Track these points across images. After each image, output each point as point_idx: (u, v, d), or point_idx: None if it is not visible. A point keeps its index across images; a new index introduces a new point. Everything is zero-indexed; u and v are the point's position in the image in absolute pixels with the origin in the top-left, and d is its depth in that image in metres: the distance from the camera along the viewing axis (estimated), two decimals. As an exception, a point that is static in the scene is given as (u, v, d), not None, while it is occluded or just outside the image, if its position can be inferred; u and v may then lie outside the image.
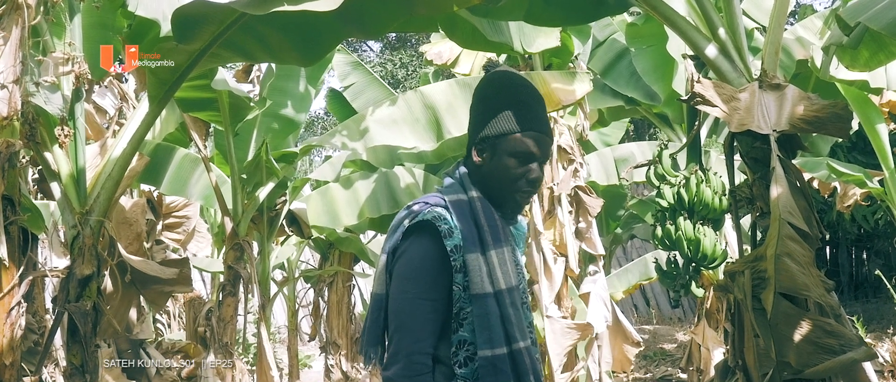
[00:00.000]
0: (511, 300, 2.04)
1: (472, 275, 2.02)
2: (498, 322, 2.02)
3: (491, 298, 2.02)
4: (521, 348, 2.04)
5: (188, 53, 3.22)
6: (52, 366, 6.10)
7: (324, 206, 6.50)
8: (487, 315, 2.01)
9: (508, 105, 2.11)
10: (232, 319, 5.90)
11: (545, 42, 5.18)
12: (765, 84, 2.99)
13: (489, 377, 2.01)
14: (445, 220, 2.04)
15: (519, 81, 2.20)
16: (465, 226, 2.05)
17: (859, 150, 10.79)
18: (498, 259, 2.05)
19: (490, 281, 2.02)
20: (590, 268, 6.36)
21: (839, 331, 2.76)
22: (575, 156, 6.15)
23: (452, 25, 3.69)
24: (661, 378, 10.24)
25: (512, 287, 2.06)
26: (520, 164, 2.09)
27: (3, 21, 3.05)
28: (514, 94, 2.14)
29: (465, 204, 2.10)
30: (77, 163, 3.75)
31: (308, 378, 10.14)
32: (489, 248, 2.04)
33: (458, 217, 2.06)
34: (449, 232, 2.03)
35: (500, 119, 2.10)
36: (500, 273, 2.04)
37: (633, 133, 15.98)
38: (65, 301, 3.60)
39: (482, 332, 2.02)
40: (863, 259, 16.43)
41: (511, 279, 2.06)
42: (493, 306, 2.02)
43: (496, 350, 2.01)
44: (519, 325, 2.05)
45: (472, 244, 2.03)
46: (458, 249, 2.02)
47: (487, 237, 2.05)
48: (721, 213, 4.01)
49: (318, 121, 23.50)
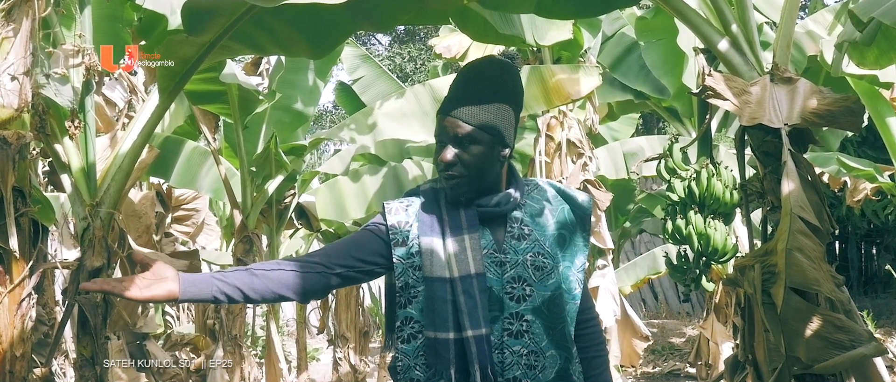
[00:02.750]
0: (464, 288, 2.05)
1: (425, 258, 2.08)
2: (446, 307, 2.05)
3: (442, 283, 2.06)
4: (470, 336, 2.03)
5: (198, 46, 3.21)
6: (62, 358, 6.13)
7: (332, 199, 6.51)
8: (434, 299, 2.06)
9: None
10: (241, 312, 5.91)
11: (557, 35, 5.18)
12: (776, 78, 2.98)
13: (429, 357, 2.07)
14: (404, 202, 2.19)
15: (473, 65, 2.24)
16: (430, 212, 2.14)
17: (870, 144, 10.74)
18: (456, 247, 2.07)
19: (445, 267, 2.07)
20: (599, 262, 6.36)
21: (849, 327, 2.75)
22: (584, 150, 6.14)
23: (464, 18, 3.68)
24: (669, 372, 10.23)
25: (469, 275, 2.06)
26: (438, 146, 2.14)
27: (13, 13, 3.05)
28: (456, 78, 2.20)
29: (436, 192, 2.18)
30: (87, 155, 3.75)
31: (316, 371, 10.15)
32: (447, 235, 2.09)
33: (424, 203, 2.16)
34: (397, 210, 2.16)
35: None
36: (456, 261, 2.07)
37: (642, 128, 15.94)
38: (75, 293, 3.61)
39: (428, 314, 2.07)
40: (872, 254, 16.36)
41: (467, 267, 2.06)
42: (442, 290, 2.06)
43: (439, 334, 2.05)
44: (471, 313, 2.03)
45: (430, 229, 2.11)
46: (402, 224, 2.13)
47: (446, 225, 2.10)
48: (732, 207, 4.00)
49: (326, 114, 23.53)
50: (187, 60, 3.36)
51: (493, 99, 2.11)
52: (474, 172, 2.09)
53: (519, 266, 2.12)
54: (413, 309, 2.11)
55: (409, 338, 2.11)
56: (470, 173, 2.09)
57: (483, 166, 2.09)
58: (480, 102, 2.09)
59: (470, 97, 2.11)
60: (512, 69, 2.21)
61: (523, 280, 2.11)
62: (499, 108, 2.10)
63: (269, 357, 6.37)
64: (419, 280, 2.09)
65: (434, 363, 2.06)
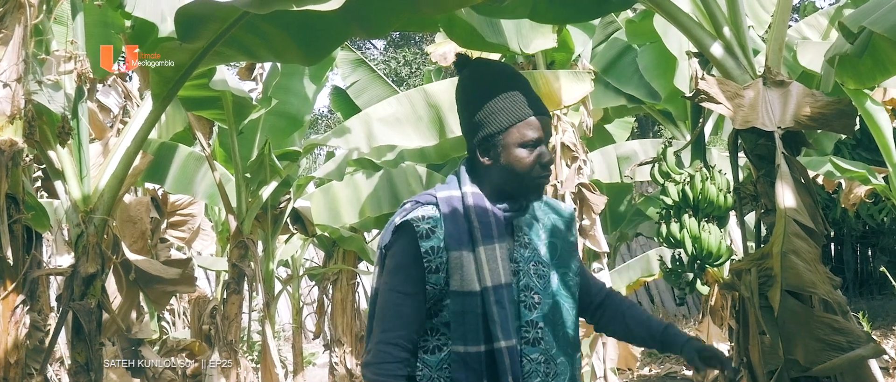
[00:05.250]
0: (497, 298, 2.02)
1: (454, 272, 2.02)
2: (476, 320, 2.02)
3: (474, 296, 2.02)
4: (503, 347, 2.01)
5: (191, 52, 3.22)
6: (57, 365, 6.11)
7: (326, 204, 6.51)
8: (464, 312, 2.02)
9: (498, 98, 2.09)
10: (236, 317, 5.90)
11: (542, 43, 5.18)
12: (769, 81, 2.98)
13: (459, 372, 2.03)
14: (428, 220, 2.06)
15: (497, 69, 2.18)
16: (455, 223, 2.06)
17: (864, 146, 10.74)
18: (487, 256, 2.03)
19: (477, 278, 2.02)
20: (594, 265, 6.36)
21: (847, 328, 2.75)
22: (578, 153, 6.15)
23: (451, 25, 3.68)
24: (666, 375, 10.24)
25: (499, 285, 2.03)
26: (530, 152, 2.07)
27: (5, 20, 3.05)
28: (499, 84, 2.11)
29: (457, 200, 2.09)
30: (81, 161, 3.75)
31: (312, 376, 10.14)
32: (479, 244, 2.04)
33: (447, 214, 2.07)
34: (428, 233, 2.04)
35: (495, 115, 2.08)
36: (488, 271, 2.03)
37: (638, 130, 15.95)
38: (69, 300, 3.61)
39: (457, 328, 2.03)
40: (868, 256, 16.35)
41: (499, 277, 2.04)
42: (474, 304, 2.02)
43: (469, 348, 2.02)
44: (503, 324, 2.01)
45: (458, 242, 2.04)
46: (436, 250, 2.03)
47: (477, 234, 2.04)
48: (726, 210, 4.00)
49: (321, 118, 23.50)
50: (180, 66, 3.36)
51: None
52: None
53: (527, 275, 2.12)
54: (439, 322, 2.07)
55: (434, 349, 2.07)
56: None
57: None
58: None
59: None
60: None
61: (531, 289, 2.12)
62: None
63: (264, 361, 6.36)
64: (444, 293, 2.05)
65: (463, 377, 2.03)
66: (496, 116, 2.08)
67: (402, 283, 2.05)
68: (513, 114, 2.07)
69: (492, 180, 2.11)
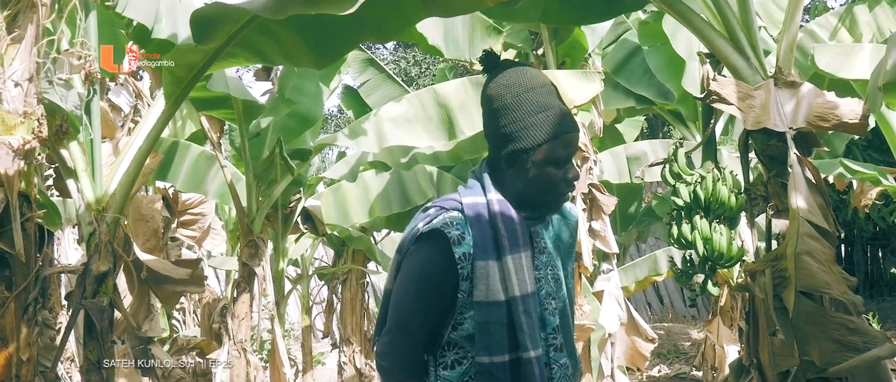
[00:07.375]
0: (524, 308, 1.97)
1: (479, 282, 1.96)
2: (502, 330, 1.96)
3: (500, 305, 1.96)
4: (531, 357, 1.96)
5: (204, 53, 3.23)
6: (69, 362, 6.14)
7: (335, 203, 6.52)
8: (489, 323, 1.96)
9: (534, 113, 2.00)
10: (246, 316, 5.91)
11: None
12: (780, 82, 2.98)
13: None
14: (458, 225, 1.99)
15: (531, 78, 2.06)
16: (481, 231, 1.99)
17: (875, 147, 10.71)
18: (514, 265, 1.98)
19: (503, 288, 1.97)
20: (603, 267, 6.34)
21: (863, 328, 2.74)
22: (589, 154, 6.14)
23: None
24: (675, 375, 10.22)
25: (526, 294, 1.98)
26: (558, 168, 2.01)
27: (17, 19, 3.06)
28: (533, 96, 2.02)
29: (482, 207, 2.02)
30: (93, 160, 3.77)
31: (322, 375, 10.15)
32: (506, 253, 1.98)
33: (473, 222, 2.00)
34: (459, 239, 1.97)
35: (528, 131, 1.99)
36: (516, 280, 1.97)
37: (648, 131, 15.92)
38: (81, 297, 3.62)
39: (482, 338, 1.97)
40: (878, 258, 16.33)
41: (526, 286, 1.98)
42: (499, 313, 1.96)
43: (495, 358, 1.96)
44: (531, 333, 1.97)
45: (484, 250, 1.97)
46: (466, 256, 1.97)
47: (505, 242, 1.98)
48: (737, 211, 3.98)
49: (332, 118, 23.53)
50: (193, 66, 3.38)
51: None
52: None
53: (547, 281, 2.09)
54: (458, 335, 2.02)
55: (453, 364, 2.03)
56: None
57: None
58: None
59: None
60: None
61: (550, 295, 2.09)
62: None
63: (274, 360, 6.37)
64: (467, 305, 2.00)
65: None
66: (529, 132, 2.00)
67: (427, 292, 2.01)
68: (547, 132, 1.99)
69: (516, 189, 2.04)
